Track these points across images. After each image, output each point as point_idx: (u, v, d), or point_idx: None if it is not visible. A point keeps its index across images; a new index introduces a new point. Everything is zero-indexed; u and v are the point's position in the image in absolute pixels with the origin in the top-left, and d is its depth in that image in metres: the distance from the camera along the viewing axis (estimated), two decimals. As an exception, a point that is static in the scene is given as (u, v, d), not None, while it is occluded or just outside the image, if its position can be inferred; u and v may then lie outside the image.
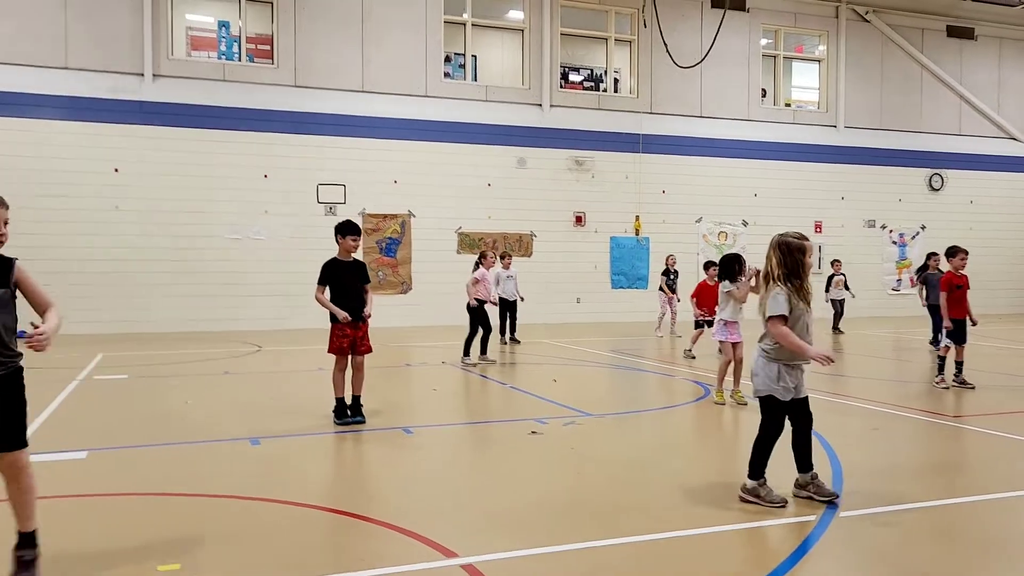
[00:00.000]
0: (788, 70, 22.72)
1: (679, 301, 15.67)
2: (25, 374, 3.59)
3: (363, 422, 6.94)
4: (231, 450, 6.13)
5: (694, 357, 11.67)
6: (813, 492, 4.65)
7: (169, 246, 16.80)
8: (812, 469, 4.71)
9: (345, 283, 6.95)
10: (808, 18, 22.04)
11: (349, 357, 6.99)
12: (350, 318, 6.84)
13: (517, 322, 14.46)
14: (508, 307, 14.17)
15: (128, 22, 16.60)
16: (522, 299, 14.46)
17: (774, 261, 4.51)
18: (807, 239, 4.57)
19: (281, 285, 17.36)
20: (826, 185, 21.92)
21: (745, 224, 20.97)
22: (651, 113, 20.43)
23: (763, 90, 21.92)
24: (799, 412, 4.67)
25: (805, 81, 22.87)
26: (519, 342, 13.91)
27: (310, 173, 17.72)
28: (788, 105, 22.43)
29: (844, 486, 4.94)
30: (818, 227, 21.84)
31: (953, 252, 9.08)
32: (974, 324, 9.02)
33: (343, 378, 7.02)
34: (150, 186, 16.68)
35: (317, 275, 7.08)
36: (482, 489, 5.02)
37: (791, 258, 4.48)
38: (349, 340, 6.94)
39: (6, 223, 3.55)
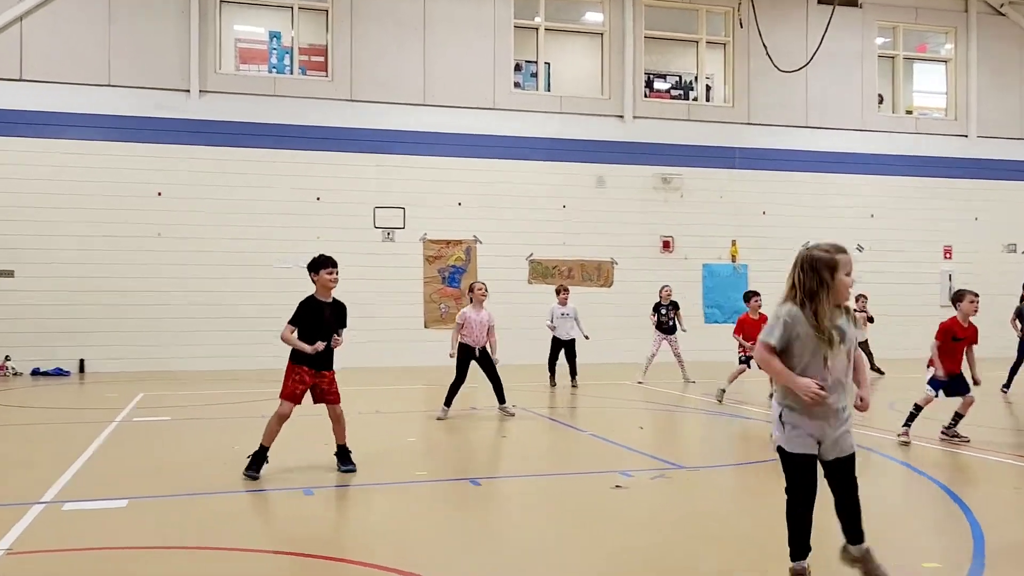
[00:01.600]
0: (909, 73, 22.24)
1: (676, 337, 14.73)
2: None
3: (355, 471, 7.00)
4: (284, 500, 6.24)
5: (722, 399, 11.55)
6: (863, 573, 4.17)
7: (215, 276, 17.31)
8: (863, 541, 4.18)
9: (324, 327, 6.96)
10: (932, 13, 21.59)
11: (293, 410, 6.95)
12: (323, 346, 6.84)
13: (577, 362, 14.07)
14: (563, 346, 13.90)
15: (174, 36, 17.36)
16: (587, 337, 14.07)
17: (792, 279, 4.08)
18: (843, 252, 4.11)
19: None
20: (956, 204, 21.28)
21: (860, 249, 20.48)
22: (749, 124, 20.25)
23: (880, 96, 21.49)
24: (835, 476, 4.13)
25: (929, 85, 22.32)
26: (576, 386, 13.71)
27: (366, 195, 18.11)
28: (909, 112, 21.92)
29: (986, 561, 4.72)
30: (947, 252, 21.18)
31: (960, 296, 8.43)
32: (975, 383, 8.38)
33: (279, 428, 6.97)
34: (195, 211, 17.29)
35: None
36: (559, 549, 4.97)
37: (813, 276, 4.01)
38: (306, 387, 6.94)
39: None
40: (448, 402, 10.33)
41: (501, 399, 10.62)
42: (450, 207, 18.51)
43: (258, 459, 6.88)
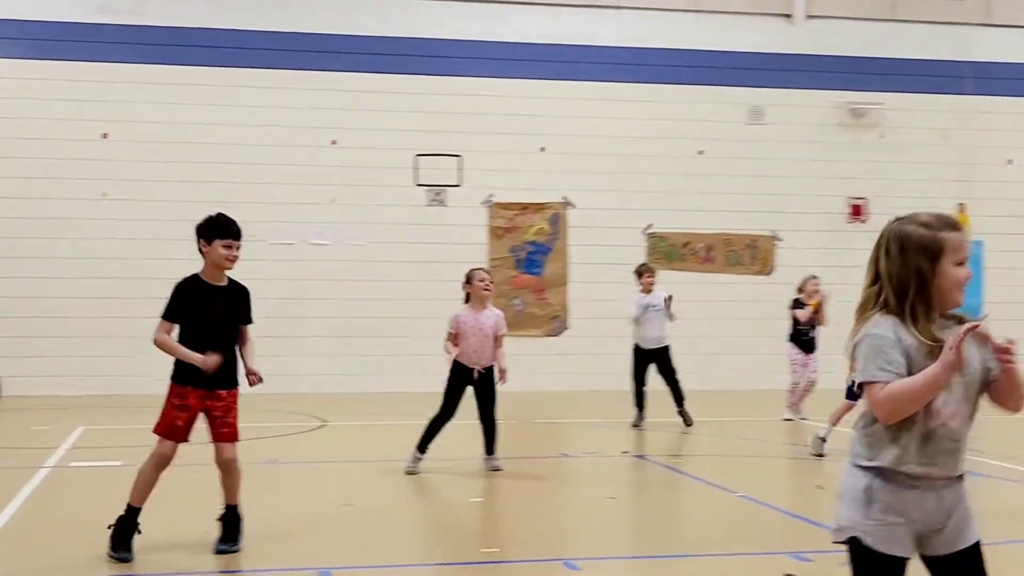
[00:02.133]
0: None
1: (816, 357, 14.31)
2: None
3: (237, 549, 6.89)
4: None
5: (822, 454, 10.93)
6: None
7: (185, 256, 17.52)
8: None
9: (210, 321, 6.80)
10: None
11: (178, 447, 6.80)
12: (216, 362, 6.61)
13: (679, 383, 13.70)
14: (653, 359, 13.64)
15: (126, -98, 17.73)
16: (671, 318, 13.60)
17: (879, 266, 3.84)
18: (954, 226, 3.78)
19: (355, 321, 17.87)
20: None
21: None
22: (988, 25, 19.89)
23: None
24: None
25: None
26: (690, 421, 13.47)
27: (404, 137, 18.21)
28: None
29: None
30: None
31: None
32: None
33: (155, 479, 6.84)
34: (156, 161, 17.64)
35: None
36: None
37: (908, 263, 3.76)
38: (193, 416, 6.80)
39: None
40: (423, 446, 10.11)
41: (489, 448, 10.39)
42: (529, 154, 18.54)
43: (124, 529, 6.69)
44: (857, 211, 19.45)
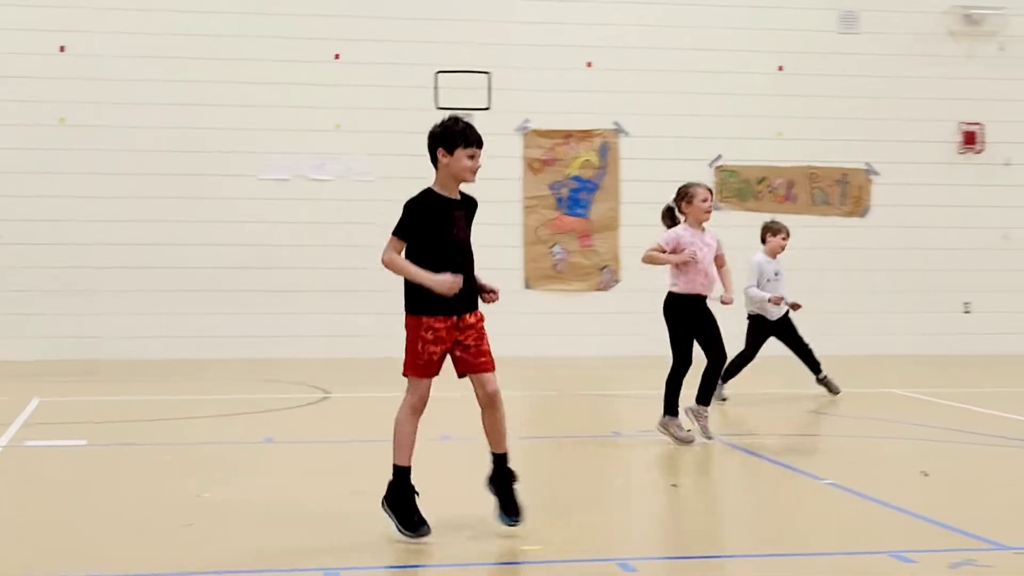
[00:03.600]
0: None
1: None
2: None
3: (516, 521, 7.07)
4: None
5: None
6: None
7: (157, 195, 17.63)
8: None
9: (453, 239, 7.01)
10: None
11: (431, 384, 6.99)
12: (458, 286, 6.77)
13: (811, 348, 13.79)
14: (775, 330, 13.76)
15: None
16: (795, 307, 13.74)
17: None
18: None
19: (362, 273, 17.84)
20: None
21: None
22: None
23: None
24: None
25: None
26: (836, 390, 13.57)
27: (421, 50, 18.20)
28: None
29: None
30: None
31: None
32: None
33: (415, 429, 7.09)
34: (122, 81, 17.63)
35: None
36: None
37: None
38: (445, 349, 6.97)
39: None
40: (672, 408, 10.46)
41: (707, 397, 10.61)
42: (572, 70, 18.52)
43: (403, 497, 7.05)
44: (970, 139, 19.29)
